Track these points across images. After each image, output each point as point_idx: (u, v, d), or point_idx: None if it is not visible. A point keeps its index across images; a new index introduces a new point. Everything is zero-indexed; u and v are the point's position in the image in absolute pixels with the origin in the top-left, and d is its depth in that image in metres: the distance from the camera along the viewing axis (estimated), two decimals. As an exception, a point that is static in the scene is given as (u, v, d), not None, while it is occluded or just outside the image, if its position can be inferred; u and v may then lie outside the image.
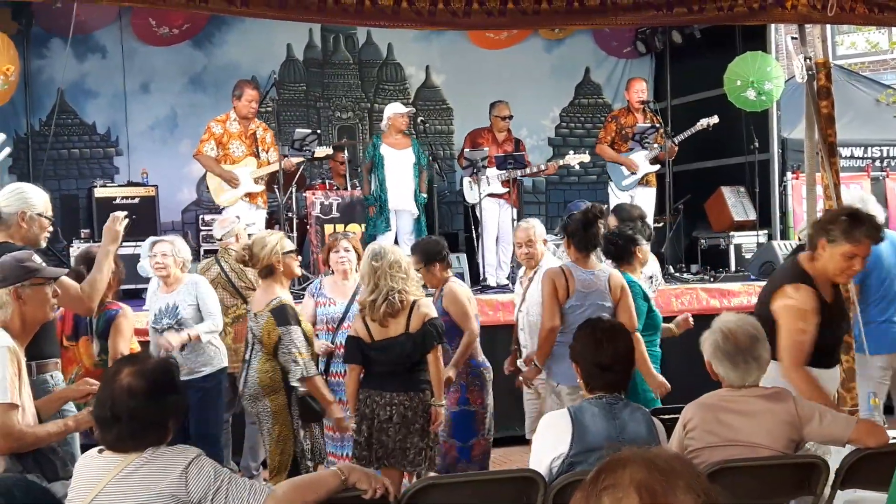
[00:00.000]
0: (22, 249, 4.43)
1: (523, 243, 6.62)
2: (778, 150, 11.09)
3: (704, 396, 4.06)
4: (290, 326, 5.58)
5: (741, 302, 8.86)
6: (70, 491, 3.09)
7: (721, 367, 3.93)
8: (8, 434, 3.73)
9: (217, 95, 11.21)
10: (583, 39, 12.71)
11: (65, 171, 11.04)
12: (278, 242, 5.78)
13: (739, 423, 3.86)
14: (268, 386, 5.64)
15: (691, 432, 3.90)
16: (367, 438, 5.40)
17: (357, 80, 12.28)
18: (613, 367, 3.90)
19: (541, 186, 12.65)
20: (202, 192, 11.38)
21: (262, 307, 5.70)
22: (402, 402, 5.38)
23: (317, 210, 9.28)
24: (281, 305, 5.62)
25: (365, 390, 5.49)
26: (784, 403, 3.89)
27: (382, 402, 5.39)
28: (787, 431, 3.85)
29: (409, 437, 5.38)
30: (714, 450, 3.81)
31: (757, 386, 3.95)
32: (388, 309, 5.34)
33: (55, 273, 4.31)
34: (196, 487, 2.99)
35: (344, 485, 3.20)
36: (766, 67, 10.30)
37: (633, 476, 1.70)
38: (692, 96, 12.13)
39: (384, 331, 5.41)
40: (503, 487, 3.80)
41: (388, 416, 5.37)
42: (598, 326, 4.10)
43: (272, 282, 5.78)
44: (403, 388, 5.41)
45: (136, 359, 3.34)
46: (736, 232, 10.65)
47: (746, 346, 3.89)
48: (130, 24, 10.97)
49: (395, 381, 5.42)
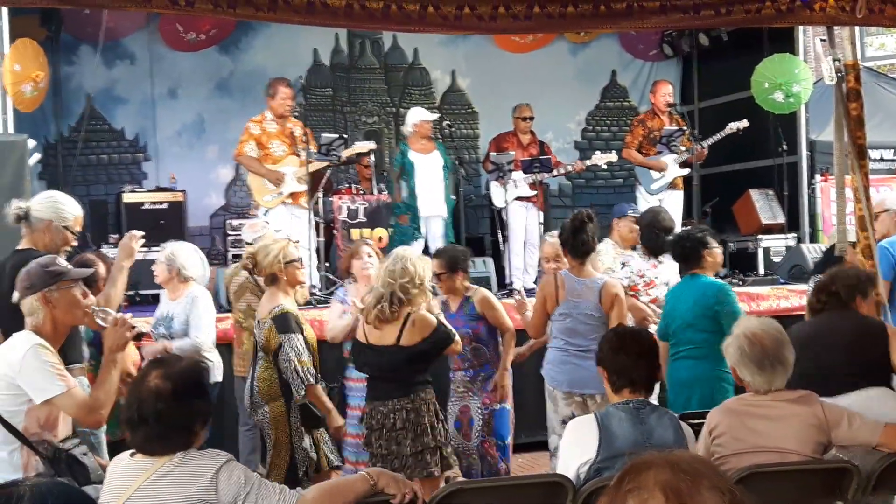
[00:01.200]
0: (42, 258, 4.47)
1: (551, 258, 6.61)
2: (806, 152, 11.02)
3: (730, 401, 4.06)
4: (290, 334, 5.53)
5: (770, 306, 8.80)
6: (102, 494, 3.11)
7: (747, 372, 3.90)
8: (92, 409, 3.89)
9: (244, 101, 11.27)
10: (608, 43, 12.68)
11: (94, 176, 11.11)
12: (281, 251, 5.74)
13: (767, 428, 3.83)
14: (266, 393, 5.62)
15: (718, 439, 3.88)
16: (379, 450, 5.38)
17: (383, 85, 12.30)
18: (636, 372, 3.89)
19: (567, 190, 12.63)
20: (230, 197, 11.45)
21: (265, 314, 5.69)
22: (405, 405, 5.35)
23: (343, 214, 9.29)
24: (283, 313, 5.59)
25: (370, 402, 5.49)
26: (811, 407, 3.86)
27: (386, 410, 5.36)
28: (815, 435, 3.83)
29: (418, 439, 5.34)
30: (742, 456, 3.78)
31: (782, 390, 3.92)
32: (379, 315, 5.34)
33: (81, 274, 4.34)
34: (226, 492, 3.01)
35: (373, 489, 3.21)
36: (794, 69, 10.24)
37: (657, 477, 1.71)
38: (719, 99, 12.06)
39: (378, 335, 5.40)
40: (532, 492, 3.79)
41: (393, 423, 5.34)
42: (622, 332, 4.12)
43: (276, 290, 5.74)
44: (403, 391, 5.37)
45: (165, 361, 3.34)
46: (764, 235, 10.57)
47: (772, 350, 3.86)
48: (158, 30, 11.03)
49: (392, 387, 5.39)
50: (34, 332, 3.96)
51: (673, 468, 1.72)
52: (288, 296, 5.79)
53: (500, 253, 9.87)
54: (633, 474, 1.74)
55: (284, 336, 5.52)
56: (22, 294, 4.03)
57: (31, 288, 4.02)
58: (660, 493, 1.69)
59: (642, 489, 1.71)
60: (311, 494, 3.16)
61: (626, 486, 1.73)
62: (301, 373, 5.47)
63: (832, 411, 3.88)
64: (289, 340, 5.51)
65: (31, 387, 3.81)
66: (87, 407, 3.88)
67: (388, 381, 5.41)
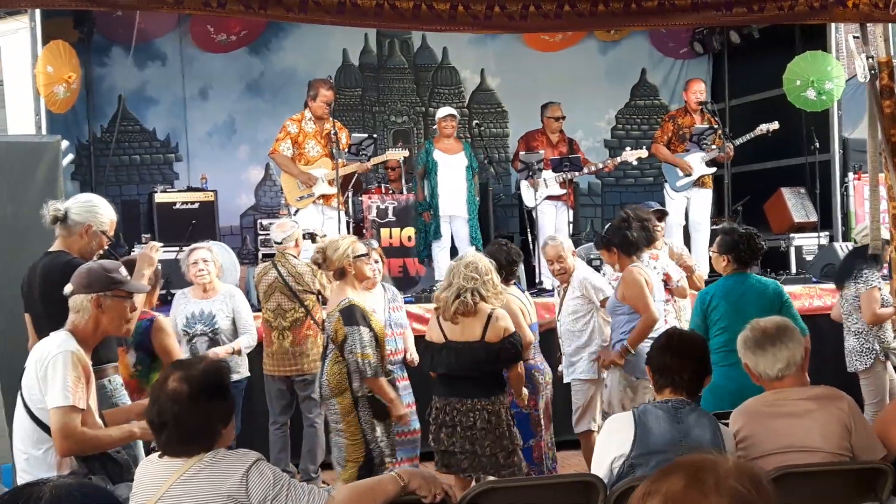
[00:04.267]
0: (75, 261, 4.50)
1: (554, 260, 6.80)
2: (839, 150, 10.90)
3: (750, 402, 4.04)
4: (356, 327, 5.63)
5: (802, 305, 8.72)
6: (132, 496, 3.13)
7: (752, 357, 3.95)
8: (69, 435, 3.79)
9: (274, 101, 11.33)
10: (638, 41, 12.61)
11: (126, 177, 11.18)
12: (350, 246, 5.89)
13: (790, 427, 3.83)
14: (335, 387, 5.70)
15: (742, 442, 3.87)
16: (450, 447, 5.43)
17: (412, 85, 12.30)
18: (680, 373, 3.87)
19: (597, 189, 12.58)
20: (260, 197, 11.50)
21: (333, 307, 5.82)
22: (486, 406, 5.45)
23: (373, 214, 9.32)
24: (349, 306, 5.70)
25: (443, 398, 5.52)
26: (838, 404, 3.87)
27: (464, 408, 5.44)
28: (841, 432, 3.82)
29: (498, 441, 5.43)
30: (768, 458, 3.76)
31: (799, 386, 3.93)
32: (460, 308, 5.41)
33: (139, 289, 4.37)
34: (256, 491, 3.01)
35: (404, 490, 3.20)
36: (827, 67, 10.15)
37: (669, 486, 1.73)
38: (751, 97, 11.97)
39: (457, 331, 5.46)
40: (563, 491, 3.78)
41: (472, 423, 5.40)
42: (673, 334, 4.13)
43: (344, 284, 5.86)
44: (484, 393, 5.47)
45: (185, 364, 3.35)
46: (796, 234, 10.48)
47: (773, 333, 3.94)
48: (189, 31, 11.09)
49: (474, 387, 5.48)
50: (72, 332, 3.98)
51: (691, 480, 1.73)
52: (355, 290, 5.92)
53: (531, 252, 9.85)
54: (658, 478, 1.76)
55: (350, 328, 5.62)
56: (76, 290, 4.04)
57: (88, 287, 4.04)
58: (661, 500, 1.72)
59: (656, 494, 1.74)
60: (342, 495, 3.16)
61: (648, 488, 1.76)
62: (360, 365, 5.57)
63: (858, 415, 3.88)
64: (353, 333, 5.62)
65: (47, 389, 3.83)
66: (71, 435, 3.79)
67: (468, 380, 5.49)
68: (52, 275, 4.58)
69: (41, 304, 4.75)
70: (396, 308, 6.90)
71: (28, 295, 4.95)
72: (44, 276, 4.76)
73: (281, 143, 9.13)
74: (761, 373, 3.95)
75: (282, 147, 9.12)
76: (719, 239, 6.13)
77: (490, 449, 5.41)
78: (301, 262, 7.28)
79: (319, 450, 7.18)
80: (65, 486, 1.72)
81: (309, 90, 9.26)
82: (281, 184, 9.47)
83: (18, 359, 4.20)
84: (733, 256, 5.93)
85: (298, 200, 9.11)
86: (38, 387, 3.86)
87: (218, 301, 6.75)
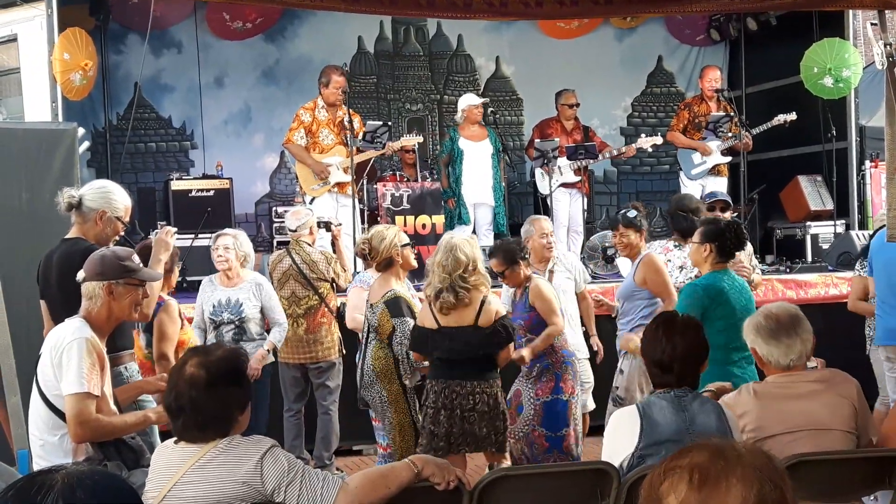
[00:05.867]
0: (92, 247, 4.51)
1: (548, 234, 6.88)
2: (856, 138, 10.85)
3: (755, 386, 4.06)
4: (404, 318, 5.70)
5: (818, 293, 8.71)
6: (148, 481, 3.15)
7: (765, 346, 3.95)
8: (84, 422, 3.80)
9: (289, 89, 11.34)
10: (654, 28, 12.55)
11: (141, 164, 11.22)
12: (396, 235, 5.97)
13: (799, 407, 3.85)
14: (381, 372, 5.76)
15: (750, 425, 3.87)
16: (448, 429, 5.49)
17: (427, 72, 12.29)
18: (674, 364, 3.85)
19: (612, 176, 12.55)
20: (275, 185, 11.52)
21: (378, 298, 5.85)
22: (485, 390, 5.52)
23: (387, 202, 9.31)
24: (395, 297, 5.77)
25: (442, 381, 5.55)
26: (846, 385, 3.93)
27: (464, 391, 5.49)
28: (850, 411, 3.87)
29: (495, 421, 5.54)
30: (779, 438, 3.78)
31: (805, 370, 3.96)
32: (444, 303, 5.45)
33: (151, 277, 4.38)
34: (270, 478, 3.03)
35: (417, 477, 3.21)
36: (844, 54, 10.09)
37: (692, 459, 1.73)
38: (767, 84, 11.90)
39: (449, 319, 5.50)
40: (576, 479, 3.78)
41: (472, 406, 5.47)
42: (662, 323, 4.07)
43: (389, 274, 5.92)
44: (483, 377, 5.54)
45: (203, 350, 3.37)
46: (812, 222, 10.45)
47: (787, 323, 3.93)
48: (205, 18, 11.10)
49: (472, 371, 5.53)
50: (86, 319, 4.00)
51: (714, 453, 1.74)
52: (400, 280, 5.99)
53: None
54: (677, 457, 1.77)
55: (398, 319, 5.70)
56: (89, 277, 4.06)
57: (100, 275, 4.05)
58: (686, 472, 1.72)
59: (677, 469, 1.74)
60: (355, 482, 3.16)
61: (666, 466, 1.76)
62: (412, 357, 5.68)
63: (863, 400, 3.93)
64: (402, 325, 5.69)
65: (62, 376, 3.85)
66: (86, 422, 3.81)
67: (468, 364, 5.53)
68: (70, 262, 4.58)
69: (58, 291, 4.76)
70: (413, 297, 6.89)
71: (44, 282, 4.97)
72: (61, 263, 4.77)
73: (294, 132, 9.14)
74: (772, 361, 3.95)
75: (295, 137, 9.13)
76: (703, 228, 5.82)
77: (487, 429, 5.50)
78: (315, 250, 7.28)
79: (334, 437, 7.21)
80: (77, 473, 1.72)
81: (321, 77, 9.27)
82: (296, 172, 9.47)
83: (34, 346, 4.21)
84: (717, 245, 5.62)
85: (314, 189, 9.12)
86: (52, 373, 3.88)
87: (244, 289, 6.75)
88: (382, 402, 5.83)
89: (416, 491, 3.23)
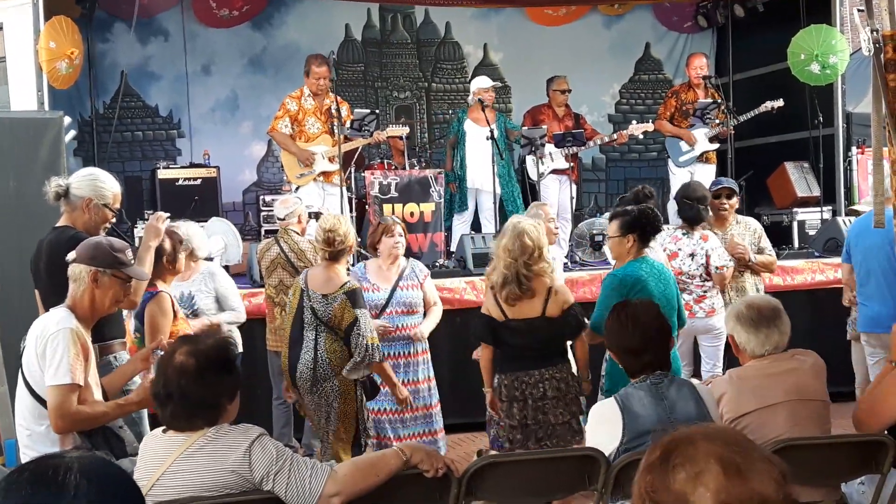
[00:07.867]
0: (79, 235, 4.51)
1: (554, 218, 6.98)
2: (843, 124, 10.86)
3: (730, 372, 4.18)
4: (363, 310, 5.63)
5: (805, 279, 8.74)
6: (136, 470, 3.15)
7: (743, 334, 4.03)
8: (64, 414, 3.82)
9: (276, 77, 11.31)
10: (642, 15, 12.55)
11: (128, 153, 11.18)
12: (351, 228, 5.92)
13: (775, 383, 3.95)
14: (339, 366, 5.61)
15: (729, 404, 3.95)
16: (522, 420, 5.38)
17: (415, 60, 12.26)
18: (647, 347, 3.87)
19: (601, 163, 12.57)
20: (262, 174, 11.50)
21: (335, 289, 5.66)
22: (553, 375, 5.38)
23: (375, 190, 9.30)
24: (354, 289, 5.67)
25: (511, 374, 5.42)
26: (811, 357, 4.08)
27: (532, 381, 5.36)
28: (821, 378, 4.06)
29: (568, 407, 5.39)
30: (760, 412, 3.89)
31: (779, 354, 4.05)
32: (510, 294, 5.35)
33: (138, 275, 4.38)
34: (259, 466, 3.03)
35: (406, 465, 3.22)
36: (831, 41, 10.09)
37: (709, 450, 1.73)
38: (755, 71, 11.91)
39: (516, 310, 5.40)
40: (564, 466, 3.80)
41: (543, 393, 5.35)
42: (621, 311, 4.09)
43: (338, 264, 5.78)
44: (551, 362, 5.41)
45: (193, 338, 3.39)
46: (799, 208, 10.47)
47: (769, 314, 4.02)
48: (191, 6, 11.06)
49: (539, 359, 5.40)
50: (71, 309, 4.00)
51: (723, 440, 1.75)
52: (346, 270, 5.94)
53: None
54: (679, 449, 1.75)
55: (360, 311, 5.60)
56: (79, 259, 4.07)
57: (91, 259, 4.07)
58: (715, 464, 1.71)
59: (695, 461, 1.72)
60: (344, 470, 3.17)
61: (674, 461, 1.74)
62: (369, 350, 5.53)
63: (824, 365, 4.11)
64: (363, 316, 5.59)
65: (45, 366, 3.85)
66: (66, 414, 3.82)
67: (534, 352, 5.42)
68: (56, 249, 4.58)
69: (47, 279, 4.76)
70: (408, 287, 6.61)
71: (35, 270, 4.96)
72: (49, 250, 4.76)
73: (279, 121, 9.13)
74: (748, 349, 4.05)
75: (280, 125, 9.12)
76: (619, 221, 5.66)
77: (562, 417, 5.35)
78: (304, 239, 7.25)
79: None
80: (90, 457, 1.75)
81: (305, 66, 9.25)
82: (282, 162, 9.45)
83: (24, 335, 4.20)
84: (639, 235, 5.58)
85: (299, 178, 9.11)
86: (37, 363, 3.88)
87: (196, 282, 6.60)
88: (335, 394, 5.63)
89: (405, 478, 3.24)
